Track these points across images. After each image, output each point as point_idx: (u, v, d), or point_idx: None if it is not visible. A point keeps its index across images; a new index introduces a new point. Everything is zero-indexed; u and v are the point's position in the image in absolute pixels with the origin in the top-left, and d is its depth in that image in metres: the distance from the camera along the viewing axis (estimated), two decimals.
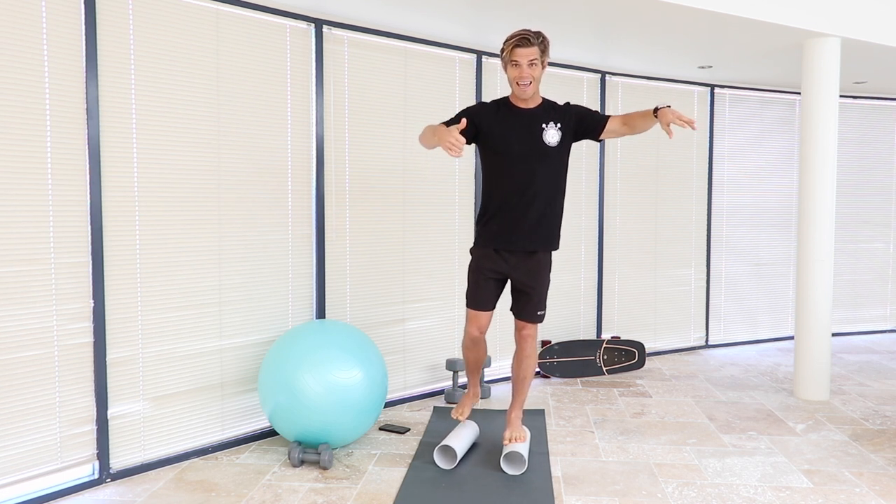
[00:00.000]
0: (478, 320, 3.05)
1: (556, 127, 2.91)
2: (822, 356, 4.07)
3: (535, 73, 2.84)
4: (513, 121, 2.91)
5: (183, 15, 3.01)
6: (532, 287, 2.99)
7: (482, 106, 2.98)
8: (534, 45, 2.80)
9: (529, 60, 2.80)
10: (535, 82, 2.86)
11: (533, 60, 2.81)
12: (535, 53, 2.80)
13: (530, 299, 3.01)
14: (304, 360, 2.94)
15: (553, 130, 2.90)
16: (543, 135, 2.89)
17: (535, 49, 2.80)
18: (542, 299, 3.04)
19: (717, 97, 5.34)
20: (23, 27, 2.53)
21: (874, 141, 5.93)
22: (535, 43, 2.80)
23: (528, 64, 2.80)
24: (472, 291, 3.04)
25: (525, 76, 2.82)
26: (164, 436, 3.03)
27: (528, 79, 2.83)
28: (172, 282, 3.03)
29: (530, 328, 3.06)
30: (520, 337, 3.08)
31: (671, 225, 5.24)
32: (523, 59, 2.80)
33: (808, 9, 3.80)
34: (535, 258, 2.98)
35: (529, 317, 3.04)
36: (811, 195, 4.04)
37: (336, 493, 2.75)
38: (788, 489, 2.82)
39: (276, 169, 3.38)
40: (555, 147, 2.91)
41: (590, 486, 2.84)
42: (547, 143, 2.89)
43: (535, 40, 2.80)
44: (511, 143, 2.89)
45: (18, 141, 2.55)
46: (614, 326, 5.03)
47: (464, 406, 3.25)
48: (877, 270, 6.02)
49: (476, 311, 3.04)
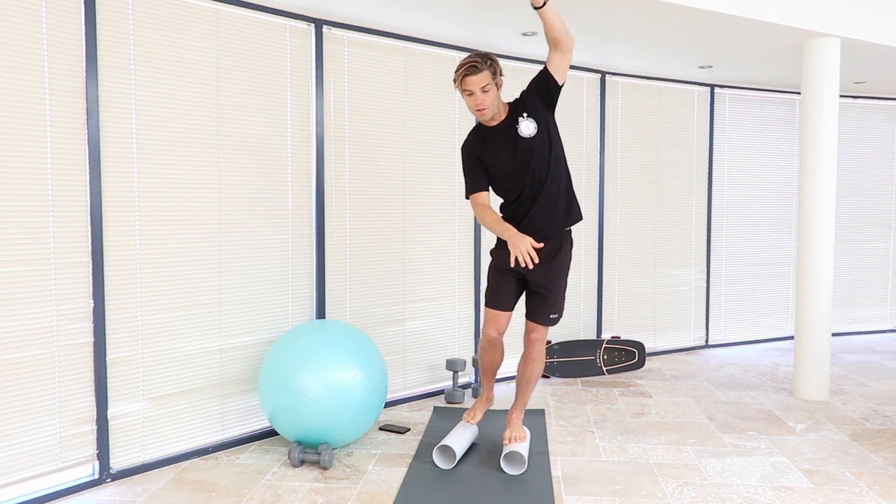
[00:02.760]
0: (496, 321, 3.04)
1: (526, 118, 2.89)
2: (822, 356, 4.07)
3: (491, 97, 2.81)
4: (493, 140, 2.93)
5: (183, 15, 3.01)
6: (548, 289, 2.99)
7: (470, 145, 2.98)
8: (482, 69, 2.75)
9: (482, 87, 2.77)
10: (492, 106, 2.83)
11: (485, 86, 2.77)
12: (486, 79, 2.76)
13: (545, 300, 3.00)
14: (305, 360, 2.93)
15: (526, 122, 2.88)
16: (519, 132, 2.88)
17: (486, 73, 2.76)
18: (557, 301, 3.02)
19: (717, 97, 5.34)
20: (23, 27, 2.53)
21: (874, 141, 5.93)
22: (483, 68, 2.76)
23: (481, 90, 2.77)
24: (493, 290, 3.04)
25: (480, 102, 2.80)
26: (164, 436, 3.03)
27: (485, 105, 2.80)
28: (172, 282, 3.03)
29: (540, 331, 3.04)
30: (528, 340, 3.07)
31: (671, 225, 5.23)
32: (475, 86, 2.77)
33: (808, 9, 3.80)
34: (553, 262, 2.97)
35: (542, 319, 3.02)
36: (811, 195, 4.04)
37: (336, 493, 2.75)
38: (788, 489, 2.82)
39: (276, 169, 3.38)
40: (536, 135, 2.89)
41: (590, 486, 2.84)
42: (528, 137, 2.88)
43: (483, 65, 2.76)
44: (504, 161, 2.91)
45: (18, 141, 2.55)
46: (614, 326, 5.03)
47: (476, 410, 3.25)
48: (877, 270, 6.02)
49: (495, 311, 3.03)
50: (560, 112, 4.60)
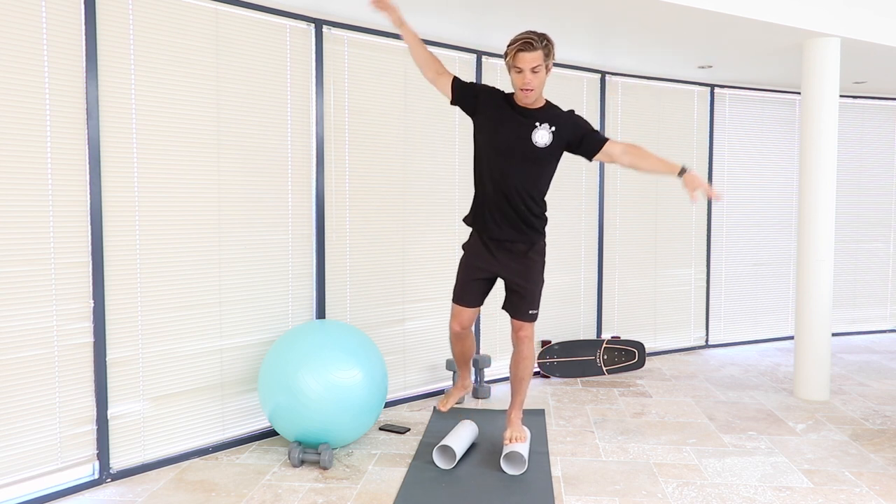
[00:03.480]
0: (461, 316, 3.08)
1: (549, 130, 2.86)
2: (822, 356, 4.07)
3: (539, 79, 2.75)
4: (509, 114, 2.89)
5: (183, 15, 3.00)
6: (523, 287, 2.99)
7: (493, 91, 2.95)
8: (537, 49, 2.70)
9: (533, 67, 2.71)
10: (539, 89, 2.79)
11: (536, 67, 2.71)
12: (538, 59, 2.71)
13: (522, 298, 3.01)
14: (305, 360, 2.93)
15: (544, 132, 2.86)
16: (533, 134, 2.85)
17: (539, 53, 2.71)
18: (534, 298, 3.02)
19: (717, 97, 5.34)
20: (23, 27, 2.53)
21: (874, 141, 5.93)
22: (538, 47, 2.70)
23: (531, 70, 2.72)
24: (459, 287, 3.07)
25: (528, 82, 2.74)
26: (165, 436, 3.03)
27: (531, 85, 2.75)
28: (172, 282, 3.03)
29: (527, 329, 3.05)
30: (517, 338, 3.08)
31: (671, 225, 5.24)
32: (526, 64, 2.71)
33: (808, 9, 3.80)
34: (526, 259, 2.98)
35: (521, 315, 3.03)
36: (811, 195, 4.04)
37: (336, 493, 2.75)
38: (788, 489, 2.82)
39: (276, 169, 3.38)
40: (543, 149, 2.86)
41: (590, 485, 2.84)
42: (535, 143, 2.86)
43: (538, 44, 2.70)
44: (499, 134, 2.87)
45: (18, 141, 2.55)
46: (614, 326, 5.03)
47: (449, 397, 3.25)
48: (877, 270, 6.03)
49: (460, 307, 3.07)
50: None
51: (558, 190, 4.62)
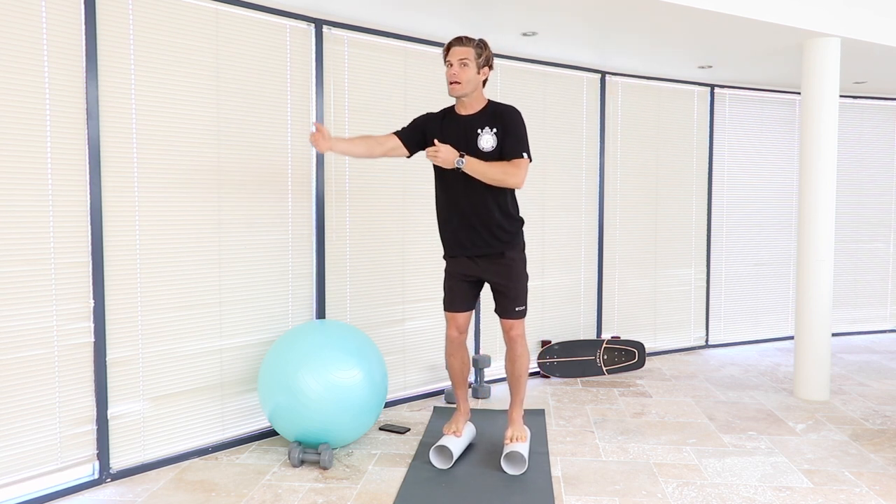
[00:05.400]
0: (455, 321, 3.12)
1: (491, 132, 2.88)
2: (822, 356, 4.07)
3: (466, 75, 2.83)
4: (451, 129, 2.93)
5: (183, 14, 3.01)
6: (506, 286, 3.01)
7: (429, 115, 3.02)
8: (467, 45, 2.82)
9: (460, 59, 2.81)
10: (466, 84, 2.84)
11: (464, 60, 2.81)
12: (467, 53, 2.81)
13: (506, 297, 3.02)
14: (304, 360, 2.94)
15: (488, 136, 2.88)
16: (478, 140, 2.88)
17: (469, 50, 2.82)
18: (518, 296, 3.03)
19: (717, 97, 5.34)
20: (23, 27, 2.53)
21: (874, 141, 5.93)
22: (469, 44, 2.83)
23: (458, 62, 2.82)
24: (448, 296, 3.12)
25: (454, 74, 2.83)
26: (164, 436, 3.03)
27: (458, 78, 2.82)
28: (172, 282, 3.03)
29: (517, 327, 3.06)
30: (509, 338, 3.08)
31: (671, 225, 5.24)
32: (455, 57, 2.83)
33: (808, 9, 3.80)
34: (504, 259, 2.99)
35: (508, 314, 3.04)
36: (811, 195, 4.04)
37: (336, 493, 2.75)
38: (788, 489, 2.82)
39: (276, 169, 3.38)
40: (491, 152, 2.87)
41: (590, 485, 2.84)
42: (482, 149, 2.87)
43: (470, 42, 2.84)
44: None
45: (18, 141, 2.55)
46: (614, 326, 5.03)
47: (456, 423, 3.17)
48: (877, 270, 6.02)
49: (453, 314, 3.11)
50: (560, 112, 4.61)
51: (558, 190, 4.63)
